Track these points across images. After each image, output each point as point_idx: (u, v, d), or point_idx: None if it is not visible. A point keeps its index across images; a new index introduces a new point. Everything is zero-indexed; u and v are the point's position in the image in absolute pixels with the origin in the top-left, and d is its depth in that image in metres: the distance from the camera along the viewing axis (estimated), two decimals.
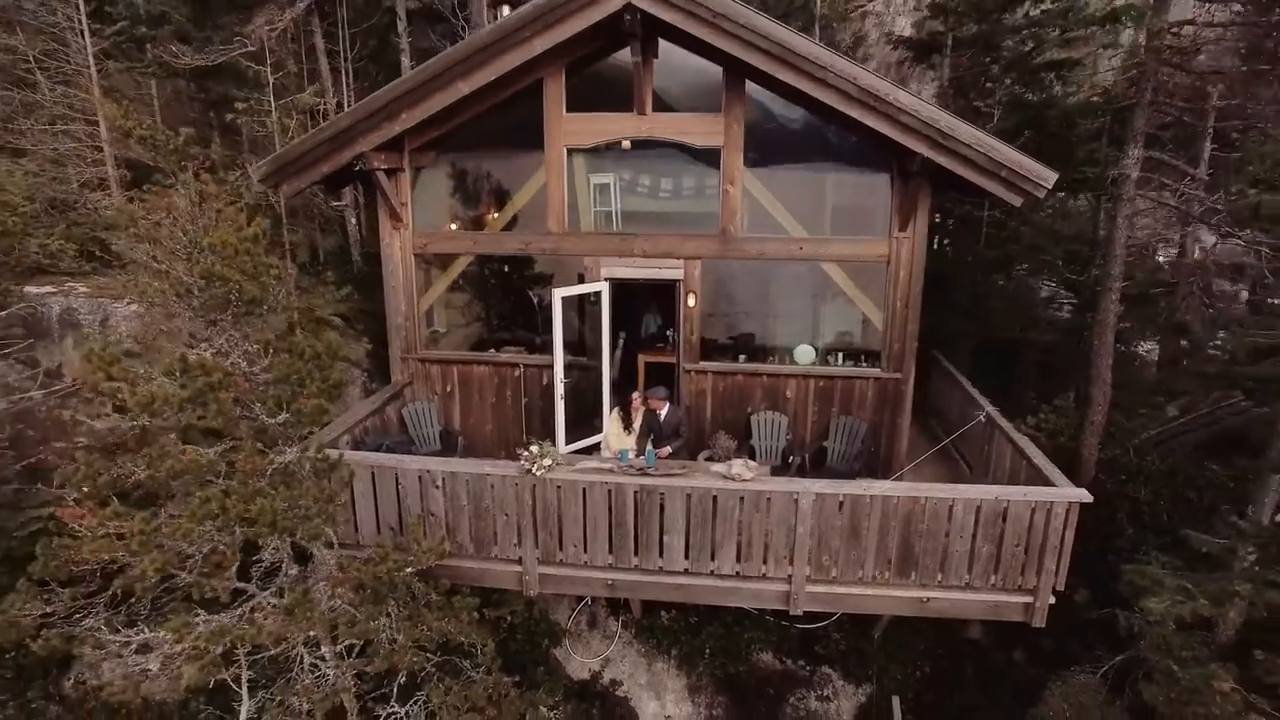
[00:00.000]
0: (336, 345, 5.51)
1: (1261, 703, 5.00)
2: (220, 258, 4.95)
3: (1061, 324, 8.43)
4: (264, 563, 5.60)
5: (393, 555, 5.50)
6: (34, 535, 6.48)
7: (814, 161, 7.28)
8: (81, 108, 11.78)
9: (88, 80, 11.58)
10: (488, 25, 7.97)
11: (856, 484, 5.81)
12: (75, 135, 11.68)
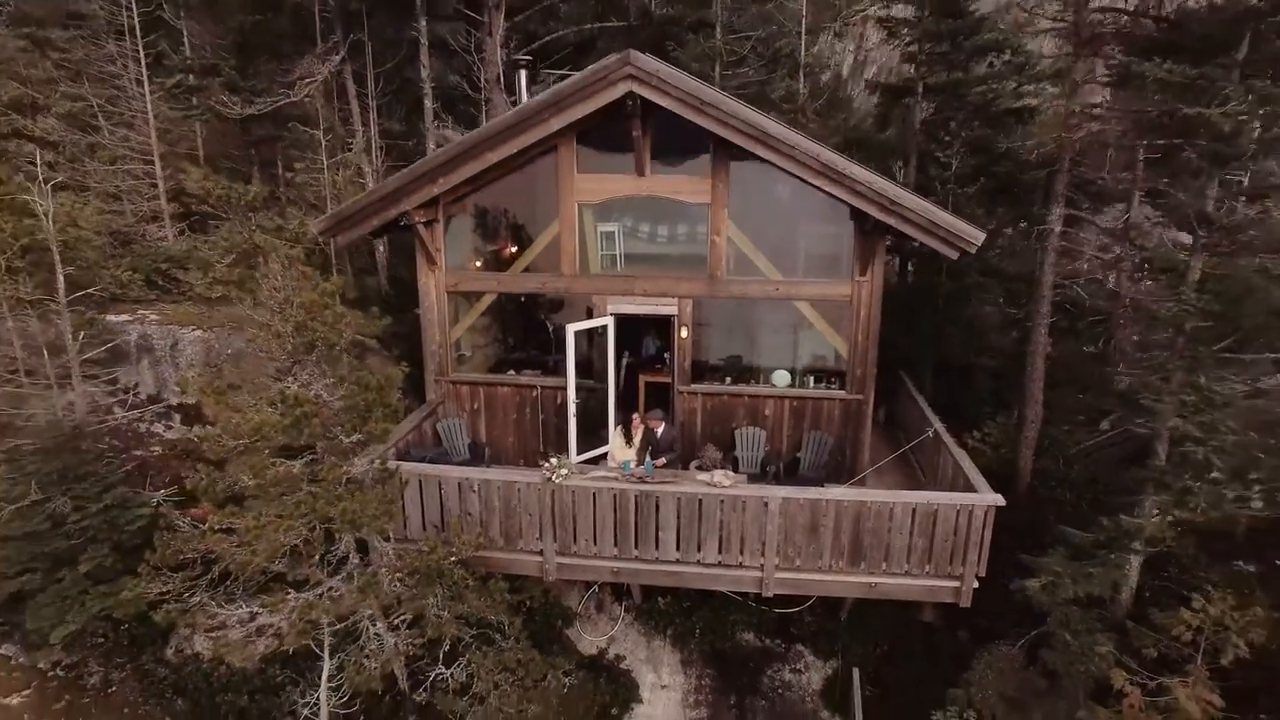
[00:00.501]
0: (395, 378, 6.92)
1: (1130, 661, 6.36)
2: (308, 312, 6.34)
3: (1008, 350, 9.77)
4: (334, 553, 6.99)
5: (439, 547, 6.90)
6: (141, 529, 7.92)
7: (789, 216, 8.63)
8: (139, 148, 13.18)
9: (145, 124, 12.98)
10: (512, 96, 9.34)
11: (814, 490, 7.19)
12: (134, 174, 13.08)
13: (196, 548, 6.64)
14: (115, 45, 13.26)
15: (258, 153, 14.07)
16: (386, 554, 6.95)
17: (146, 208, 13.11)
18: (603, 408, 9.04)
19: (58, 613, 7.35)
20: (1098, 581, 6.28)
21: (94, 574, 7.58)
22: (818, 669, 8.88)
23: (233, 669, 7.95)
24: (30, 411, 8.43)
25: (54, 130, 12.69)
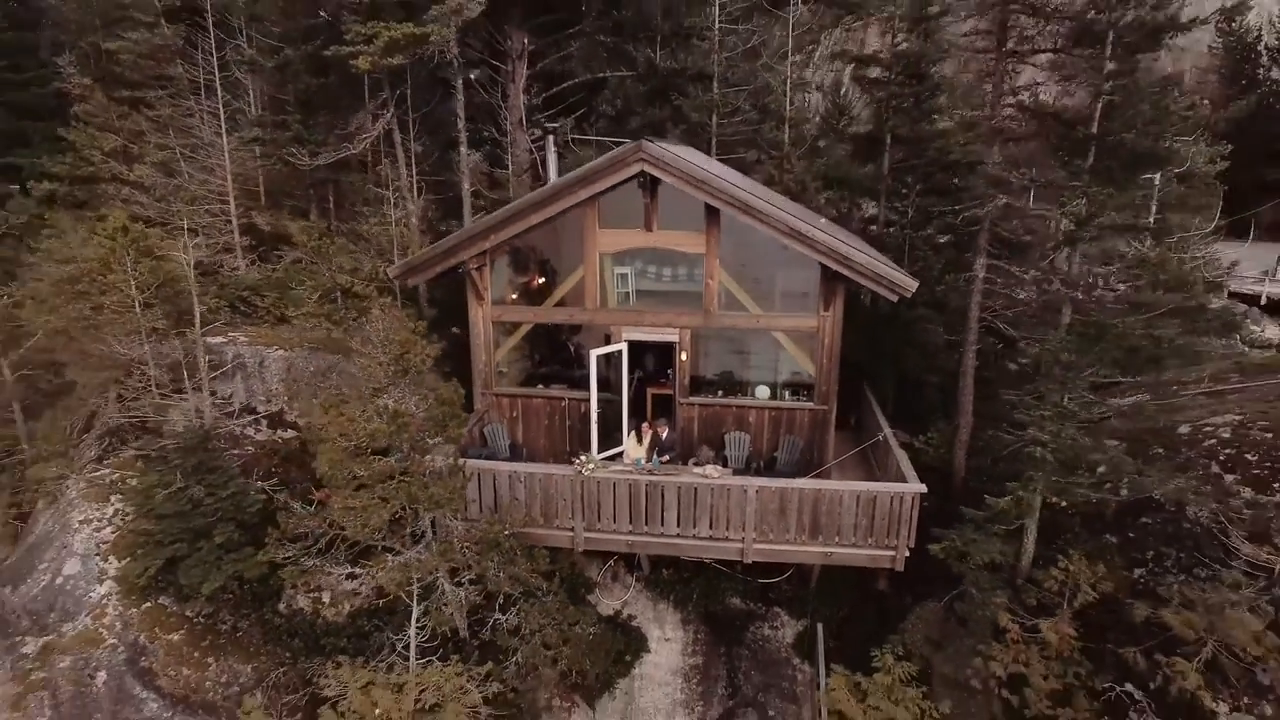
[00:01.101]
0: (461, 395, 9.24)
1: (1018, 609, 8.63)
2: (403, 347, 8.65)
3: (950, 369, 11.97)
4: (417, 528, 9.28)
5: (495, 524, 9.22)
6: (258, 511, 10.25)
7: (767, 263, 10.89)
8: (216, 190, 15.53)
9: (222, 170, 15.33)
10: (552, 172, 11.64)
11: (783, 480, 9.49)
12: (212, 212, 15.42)
13: (309, 524, 9.00)
14: (196, 103, 15.64)
15: (315, 192, 16.38)
16: (456, 529, 9.26)
17: (221, 241, 15.46)
18: (618, 415, 11.34)
19: (201, 574, 9.68)
20: (985, 548, 8.54)
21: (225, 545, 9.90)
22: (791, 626, 11.16)
23: (328, 620, 10.28)
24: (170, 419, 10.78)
25: (146, 175, 15.06)
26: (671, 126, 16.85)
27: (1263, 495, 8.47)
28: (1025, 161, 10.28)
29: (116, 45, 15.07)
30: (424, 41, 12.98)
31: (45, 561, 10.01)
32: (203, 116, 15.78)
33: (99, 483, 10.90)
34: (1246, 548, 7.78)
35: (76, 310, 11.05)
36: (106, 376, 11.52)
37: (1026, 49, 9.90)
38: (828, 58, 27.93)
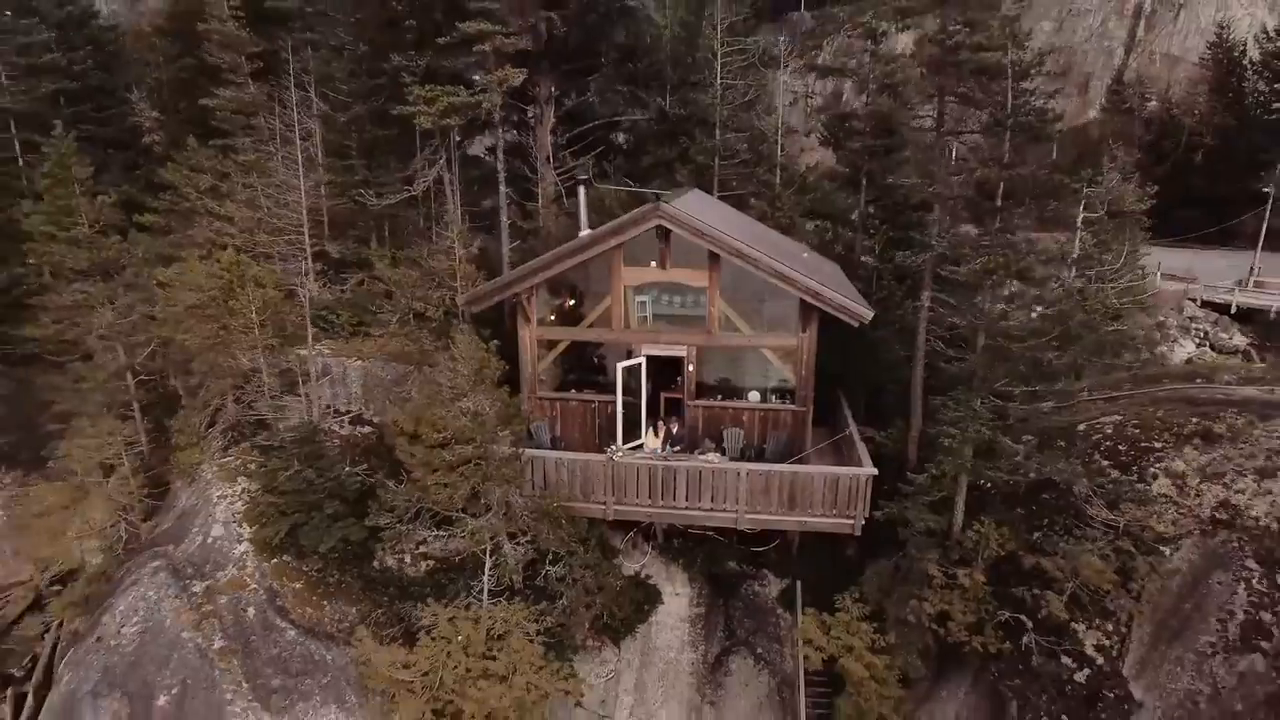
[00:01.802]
0: (519, 400, 12.22)
1: (945, 563, 11.56)
2: (481, 363, 11.62)
3: (906, 378, 14.84)
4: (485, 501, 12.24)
5: (547, 498, 12.20)
6: (356, 489, 13.22)
7: (757, 294, 13.82)
8: (293, 223, 18.50)
9: (299, 205, 18.31)
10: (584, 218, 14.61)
11: (766, 465, 12.45)
12: (290, 242, 18.41)
13: (401, 498, 11.98)
14: (274, 149, 18.64)
15: (375, 224, 19.35)
16: (517, 501, 12.24)
17: (296, 267, 18.45)
18: (638, 414, 14.29)
19: (316, 537, 12.66)
20: (919, 516, 11.48)
21: (333, 515, 12.88)
22: (776, 584, 14.13)
23: (410, 576, 13.27)
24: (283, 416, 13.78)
25: (235, 211, 18.05)
26: (679, 165, 19.84)
27: (1122, 475, 11.40)
28: (957, 218, 13.22)
29: (215, 103, 18.03)
30: (477, 107, 15.96)
31: (196, 526, 13.05)
32: (281, 160, 18.78)
33: (227, 467, 13.91)
34: (1102, 513, 10.71)
35: (207, 330, 14.05)
36: (228, 382, 14.53)
37: (958, 130, 12.82)
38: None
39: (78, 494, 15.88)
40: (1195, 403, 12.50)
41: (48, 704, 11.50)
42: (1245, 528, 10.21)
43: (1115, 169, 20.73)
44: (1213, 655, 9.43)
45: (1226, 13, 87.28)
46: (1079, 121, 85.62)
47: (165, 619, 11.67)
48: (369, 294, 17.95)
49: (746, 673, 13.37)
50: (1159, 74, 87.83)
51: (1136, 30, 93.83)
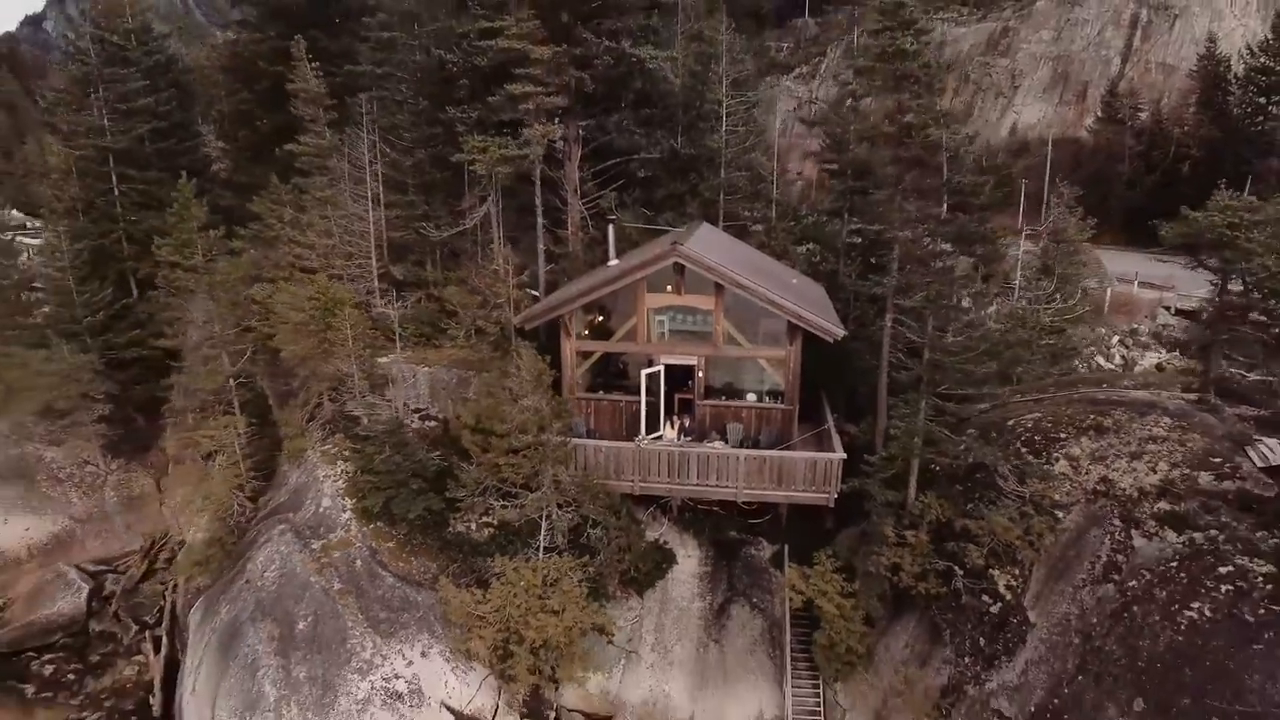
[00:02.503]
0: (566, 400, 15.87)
1: (899, 527, 15.13)
2: (539, 373, 15.24)
3: (875, 383, 18.36)
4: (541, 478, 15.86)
5: (588, 476, 15.84)
6: (434, 469, 16.87)
7: (754, 314, 17.42)
8: (364, 251, 22.11)
9: (368, 235, 21.93)
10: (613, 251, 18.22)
11: (759, 451, 16.09)
12: (361, 265, 22.03)
13: (472, 476, 15.61)
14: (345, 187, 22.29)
15: (433, 249, 22.97)
16: (565, 478, 15.87)
17: (364, 286, 22.09)
18: (657, 411, 17.92)
19: (405, 507, 16.30)
20: (878, 491, 15.07)
21: (416, 490, 16.50)
22: (768, 549, 17.74)
23: (477, 539, 16.91)
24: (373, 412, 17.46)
25: (315, 240, 21.70)
26: (690, 198, 23.47)
27: (1034, 459, 14.98)
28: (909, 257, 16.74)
29: (299, 149, 21.68)
30: (523, 159, 19.59)
31: (309, 499, 16.73)
32: (350, 195, 22.43)
33: (328, 453, 17.60)
34: (1016, 487, 14.30)
35: (310, 343, 17.72)
36: (325, 385, 18.20)
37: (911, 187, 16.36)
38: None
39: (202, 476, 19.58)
40: (1096, 403, 16.07)
41: (214, 627, 15.18)
42: (1115, 496, 13.78)
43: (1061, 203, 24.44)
44: (1083, 587, 13.00)
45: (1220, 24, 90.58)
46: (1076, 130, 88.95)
47: (295, 567, 15.36)
48: (428, 310, 21.61)
49: (744, 618, 16.98)
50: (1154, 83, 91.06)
51: (1133, 40, 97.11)
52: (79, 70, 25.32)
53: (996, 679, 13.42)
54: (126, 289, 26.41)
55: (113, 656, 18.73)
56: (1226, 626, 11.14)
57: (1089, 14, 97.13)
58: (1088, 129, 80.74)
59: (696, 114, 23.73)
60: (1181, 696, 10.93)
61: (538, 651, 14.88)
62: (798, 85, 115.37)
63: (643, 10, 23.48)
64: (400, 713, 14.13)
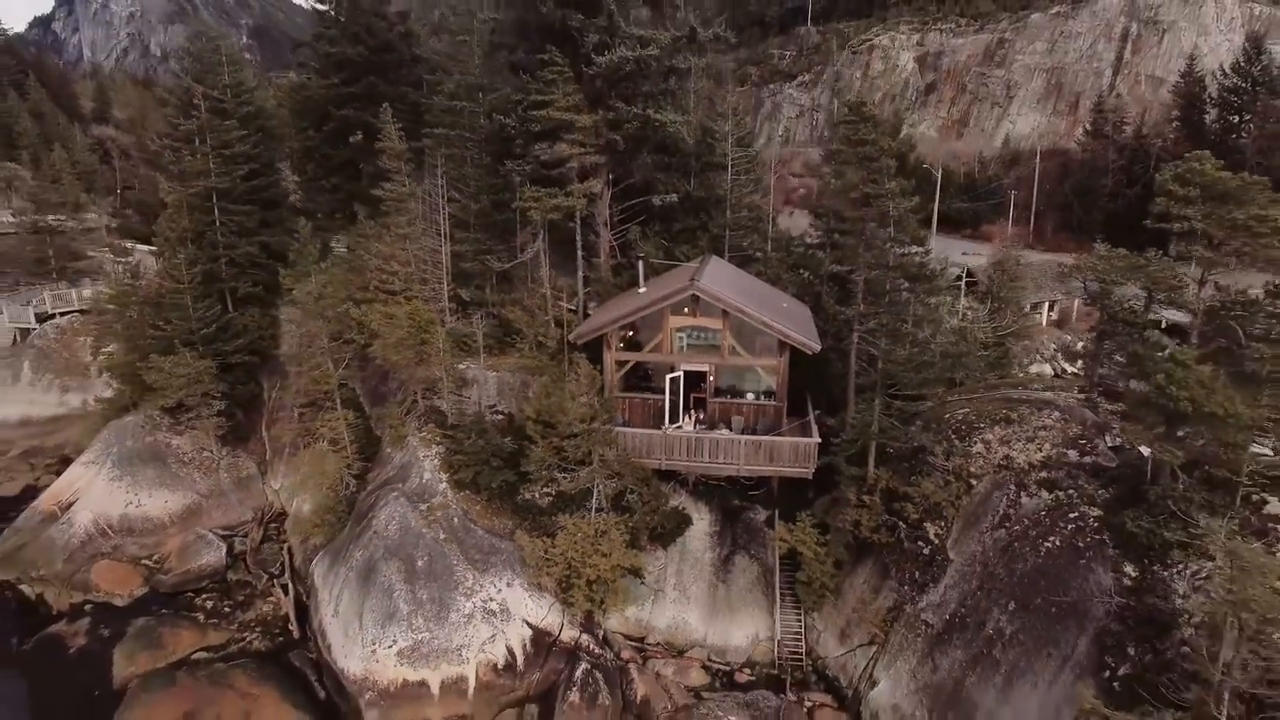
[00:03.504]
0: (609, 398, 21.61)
1: (860, 492, 20.82)
2: (592, 379, 20.92)
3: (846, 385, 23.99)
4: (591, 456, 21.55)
5: (626, 455, 21.55)
6: (509, 452, 22.61)
7: (753, 332, 23.10)
8: (436, 276, 27.77)
9: (440, 263, 27.60)
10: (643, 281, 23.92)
11: (756, 437, 21.81)
12: (434, 289, 27.70)
13: (539, 455, 21.33)
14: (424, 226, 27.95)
15: (489, 275, 28.63)
16: (610, 456, 21.56)
17: (439, 306, 27.76)
18: (677, 406, 23.62)
19: (488, 479, 21.98)
20: (844, 466, 20.73)
21: (495, 467, 22.20)
22: (763, 513, 23.44)
23: (541, 505, 22.61)
24: (457, 408, 23.18)
25: (399, 269, 27.36)
26: (701, 233, 29.11)
27: (959, 442, 20.64)
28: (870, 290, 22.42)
29: (384, 194, 27.35)
30: (571, 209, 25.26)
31: (413, 473, 22.47)
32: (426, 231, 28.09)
33: (425, 439, 23.33)
34: (945, 463, 19.96)
35: (409, 354, 23.42)
36: (420, 386, 23.90)
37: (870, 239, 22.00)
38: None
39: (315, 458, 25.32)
40: (1010, 401, 21.72)
41: (350, 566, 20.88)
42: (1013, 469, 19.44)
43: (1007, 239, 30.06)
44: (986, 532, 18.66)
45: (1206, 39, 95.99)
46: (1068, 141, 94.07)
47: (411, 522, 21.08)
48: (490, 326, 27.28)
49: (744, 565, 22.66)
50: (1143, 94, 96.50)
51: (1124, 52, 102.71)
52: (193, 124, 30.94)
53: (925, 599, 19.12)
54: (225, 304, 32.14)
55: (251, 598, 24.45)
56: (1066, 551, 16.83)
57: (1081, 27, 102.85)
58: (1077, 141, 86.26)
59: (706, 163, 29.38)
60: (1035, 597, 16.63)
61: (591, 585, 20.59)
62: (800, 93, 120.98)
63: (661, 76, 29.09)
64: (495, 625, 19.88)
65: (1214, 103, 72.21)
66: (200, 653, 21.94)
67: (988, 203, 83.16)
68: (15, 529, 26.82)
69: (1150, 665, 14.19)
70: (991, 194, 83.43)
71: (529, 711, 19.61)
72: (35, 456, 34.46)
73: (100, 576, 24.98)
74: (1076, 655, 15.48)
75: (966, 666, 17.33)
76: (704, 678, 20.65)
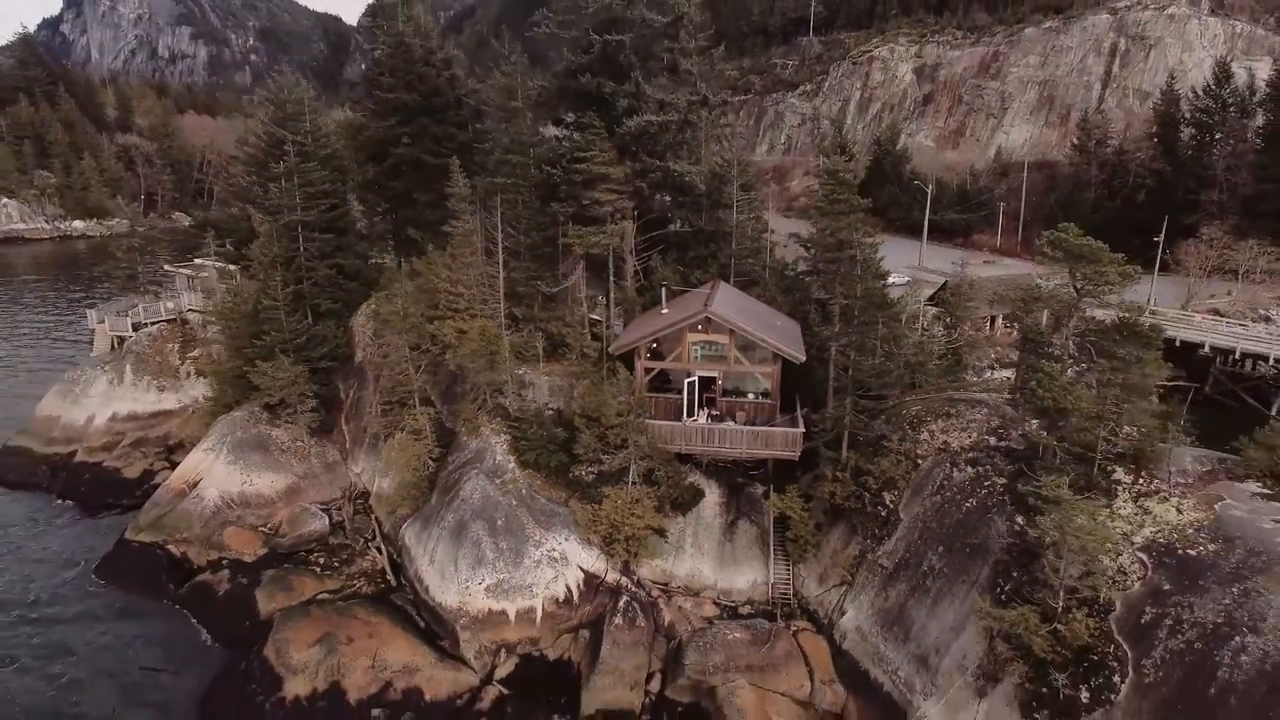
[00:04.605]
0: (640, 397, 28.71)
1: (836, 469, 27.86)
2: (630, 384, 27.94)
3: (827, 386, 30.88)
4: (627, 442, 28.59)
5: (656, 441, 28.63)
6: (562, 439, 29.71)
7: (753, 345, 30.14)
8: (495, 298, 34.92)
9: (498, 286, 34.74)
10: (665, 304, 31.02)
11: (755, 428, 28.92)
12: (492, 307, 34.86)
13: (589, 442, 28.42)
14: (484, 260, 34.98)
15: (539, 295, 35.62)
16: (642, 442, 28.58)
17: (497, 321, 34.79)
18: (694, 403, 30.68)
19: (546, 459, 29.00)
20: (824, 450, 27.77)
21: (552, 450, 29.25)
22: (760, 488, 30.52)
23: (588, 480, 29.68)
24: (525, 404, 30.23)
25: (465, 290, 34.38)
26: (711, 261, 36.18)
27: (911, 431, 27.68)
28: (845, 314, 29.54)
29: (454, 231, 34.36)
30: (607, 245, 32.28)
31: (487, 456, 29.55)
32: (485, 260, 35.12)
33: (495, 429, 30.42)
34: (899, 446, 27.00)
35: (482, 362, 30.46)
36: (489, 387, 30.97)
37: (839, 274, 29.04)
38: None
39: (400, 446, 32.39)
40: (953, 401, 28.73)
41: (443, 526, 27.92)
42: (949, 451, 26.46)
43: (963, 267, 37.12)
44: (926, 498, 25.68)
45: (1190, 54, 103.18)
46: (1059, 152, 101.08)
47: (490, 492, 28.15)
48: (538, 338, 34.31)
49: (745, 527, 29.68)
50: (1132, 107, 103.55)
51: (1112, 67, 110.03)
52: (285, 167, 37.94)
53: (881, 549, 26.17)
54: (306, 317, 39.20)
55: (352, 556, 31.53)
56: (979, 509, 23.88)
57: (1072, 41, 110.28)
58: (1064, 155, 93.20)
59: (715, 202, 36.40)
60: (956, 542, 23.69)
61: (628, 540, 27.66)
62: (802, 102, 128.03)
63: (678, 129, 36.06)
64: (556, 569, 26.98)
65: (1187, 122, 79.16)
66: (322, 595, 29.06)
67: (979, 213, 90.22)
68: (154, 503, 33.94)
69: (1024, 581, 21.19)
70: (982, 205, 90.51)
71: (582, 635, 26.67)
72: (143, 445, 41.60)
73: (230, 539, 32.12)
74: (980, 580, 22.50)
75: (908, 594, 24.39)
76: (715, 610, 27.76)
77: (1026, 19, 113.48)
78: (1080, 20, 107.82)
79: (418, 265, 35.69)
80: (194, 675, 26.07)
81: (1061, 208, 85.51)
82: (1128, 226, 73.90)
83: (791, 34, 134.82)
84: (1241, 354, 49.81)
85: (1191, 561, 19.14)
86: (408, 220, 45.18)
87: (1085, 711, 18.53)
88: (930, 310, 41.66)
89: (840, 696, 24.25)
